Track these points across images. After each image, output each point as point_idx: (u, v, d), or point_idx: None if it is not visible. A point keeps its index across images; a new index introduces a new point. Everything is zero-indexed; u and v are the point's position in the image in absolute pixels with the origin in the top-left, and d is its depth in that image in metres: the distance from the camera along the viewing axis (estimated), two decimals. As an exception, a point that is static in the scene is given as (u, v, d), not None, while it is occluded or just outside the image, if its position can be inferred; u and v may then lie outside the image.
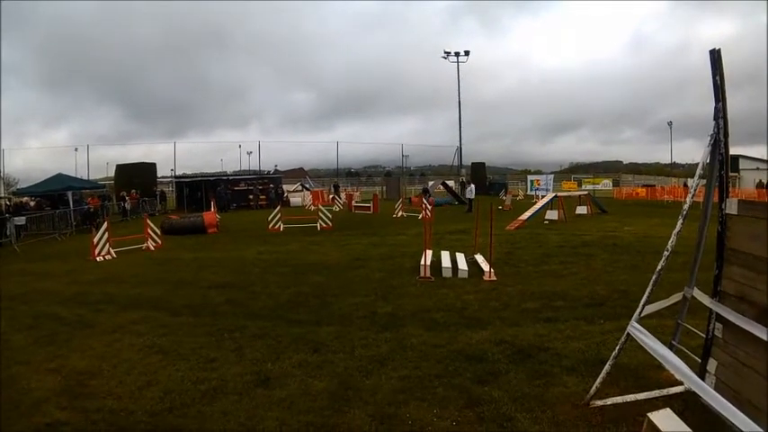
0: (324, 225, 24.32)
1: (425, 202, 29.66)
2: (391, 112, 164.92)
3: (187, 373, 6.48)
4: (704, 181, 5.24)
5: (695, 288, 5.34)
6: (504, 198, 42.57)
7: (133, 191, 37.32)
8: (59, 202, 29.21)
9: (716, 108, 4.80)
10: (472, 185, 36.10)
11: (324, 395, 5.72)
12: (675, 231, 4.87)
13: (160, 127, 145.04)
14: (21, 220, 23.67)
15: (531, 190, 52.62)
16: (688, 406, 4.91)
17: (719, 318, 4.85)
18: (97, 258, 16.64)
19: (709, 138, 4.89)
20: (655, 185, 56.75)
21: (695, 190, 5.08)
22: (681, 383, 5.36)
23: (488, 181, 64.02)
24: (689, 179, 52.47)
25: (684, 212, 4.86)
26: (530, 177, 60.95)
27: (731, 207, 4.73)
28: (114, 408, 5.57)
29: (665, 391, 5.33)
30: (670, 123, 76.10)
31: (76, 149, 56.69)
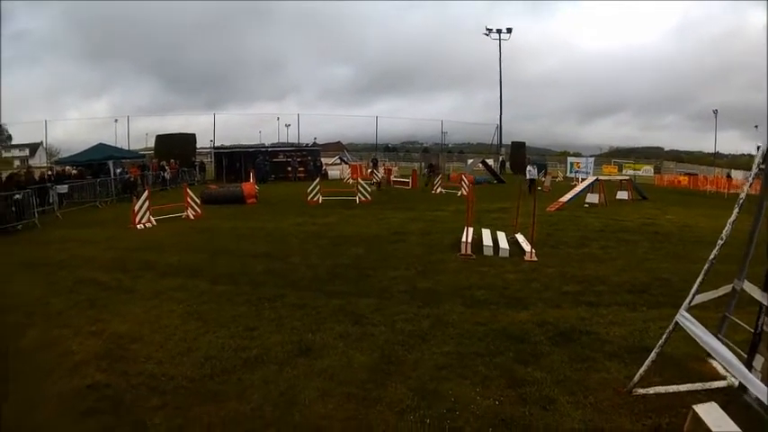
0: (362, 198, 24.40)
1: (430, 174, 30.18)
2: (430, 88, 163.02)
3: (227, 341, 6.59)
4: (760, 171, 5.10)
5: (745, 281, 5.25)
6: (543, 179, 42.16)
7: (172, 161, 37.65)
8: (100, 172, 29.62)
9: (776, 97, 4.65)
10: (534, 166, 35.33)
11: (365, 367, 5.78)
12: (731, 220, 4.74)
13: (199, 99, 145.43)
14: (63, 188, 24.01)
15: (571, 172, 51.93)
16: (731, 401, 4.84)
17: (770, 312, 4.77)
18: (137, 226, 16.90)
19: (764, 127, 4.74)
20: (697, 174, 55.59)
21: (753, 179, 4.97)
22: (724, 378, 5.29)
23: (528, 161, 63.35)
24: (732, 170, 51.45)
25: (741, 202, 4.72)
26: (570, 159, 60.12)
27: (789, 199, 4.62)
28: (155, 372, 5.70)
29: (707, 385, 5.24)
30: (715, 111, 74.11)
31: (116, 120, 57.88)
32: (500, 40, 62.21)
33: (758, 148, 4.89)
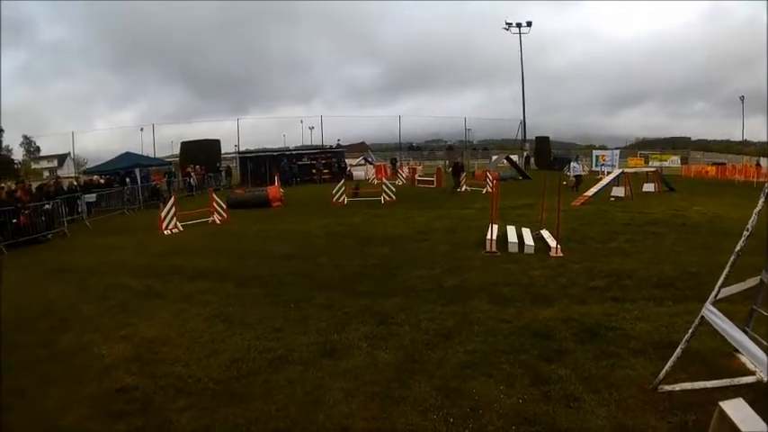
0: (387, 198, 24.47)
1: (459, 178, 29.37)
2: (453, 85, 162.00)
3: (253, 343, 6.66)
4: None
5: (773, 273, 5.17)
6: (568, 173, 41.89)
7: (197, 166, 38.02)
8: (127, 180, 30.06)
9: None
10: (577, 162, 34.84)
11: (389, 367, 5.80)
12: (757, 210, 4.63)
13: (223, 104, 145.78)
14: (91, 197, 24.59)
15: (596, 165, 51.46)
16: (760, 397, 4.74)
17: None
18: (165, 232, 17.14)
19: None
20: (725, 164, 54.68)
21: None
22: (752, 373, 5.23)
23: (553, 155, 62.94)
24: (762, 158, 50.55)
25: (767, 190, 4.59)
26: (595, 152, 59.45)
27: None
28: (182, 374, 5.79)
29: (735, 380, 5.18)
30: (742, 98, 72.67)
31: (142, 129, 58.80)
32: (520, 34, 62.01)
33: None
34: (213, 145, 46.98)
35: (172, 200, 18.42)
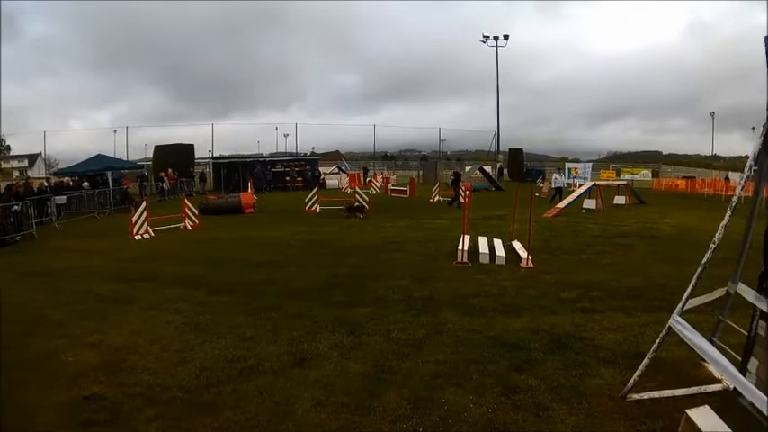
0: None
1: (460, 190, 28.59)
2: (435, 95, 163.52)
3: (223, 351, 6.57)
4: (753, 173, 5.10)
5: (740, 283, 5.24)
6: (541, 185, 42.21)
7: (170, 171, 37.65)
8: (99, 183, 29.70)
9: (769, 97, 4.66)
10: (559, 174, 34.86)
11: (359, 377, 5.76)
12: (723, 224, 4.73)
13: (202, 108, 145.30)
14: (61, 200, 24.20)
15: (569, 178, 51.97)
16: (726, 404, 4.80)
17: (763, 315, 4.76)
18: (136, 237, 16.94)
19: (760, 128, 4.75)
20: (695, 178, 55.67)
21: (744, 182, 4.96)
22: (719, 381, 5.32)
23: (525, 168, 63.44)
24: (730, 172, 51.48)
25: (733, 204, 4.72)
26: (567, 165, 60.11)
27: (783, 201, 4.61)
28: (151, 383, 5.68)
29: (703, 388, 5.27)
30: (712, 114, 74.96)
31: (115, 131, 58.09)
32: (497, 47, 62.56)
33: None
34: (187, 149, 46.42)
35: (143, 205, 18.23)
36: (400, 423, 4.76)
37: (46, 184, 26.75)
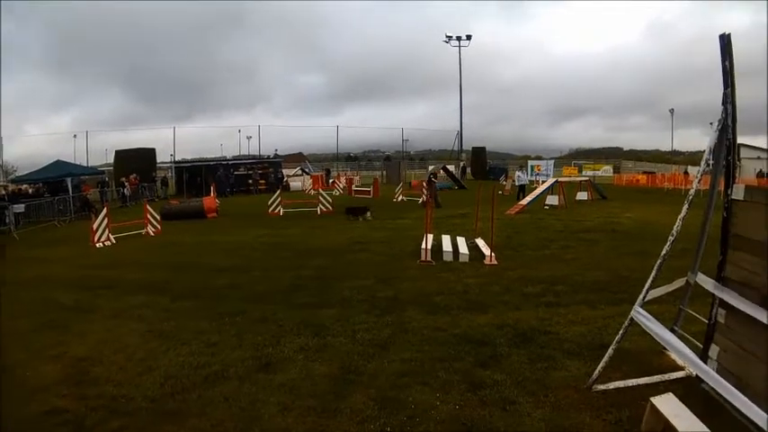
0: (324, 209, 24.40)
1: (424, 188, 28.09)
2: (402, 95, 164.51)
3: (188, 358, 6.46)
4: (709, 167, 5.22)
5: (699, 273, 5.32)
6: (504, 183, 42.54)
7: (132, 176, 37.12)
8: (59, 189, 29.15)
9: (724, 93, 4.77)
10: (522, 172, 35.04)
11: (325, 379, 5.71)
12: (681, 217, 4.85)
13: (166, 110, 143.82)
14: (20, 208, 23.77)
15: (532, 175, 52.50)
16: (689, 391, 4.89)
17: (722, 303, 4.84)
18: (97, 244, 16.62)
19: (717, 123, 4.86)
20: (655, 173, 56.71)
21: (701, 176, 5.06)
22: (682, 369, 5.39)
23: (488, 166, 63.91)
24: (689, 167, 52.59)
25: (690, 198, 4.86)
26: (530, 163, 60.57)
27: (737, 193, 4.70)
28: (115, 394, 5.55)
29: (666, 376, 5.34)
30: (671, 111, 76.65)
31: (75, 136, 56.96)
32: (459, 47, 62.91)
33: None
34: (148, 154, 45.78)
35: (104, 211, 17.92)
36: (368, 424, 4.72)
37: (3, 192, 26.22)
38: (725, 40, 4.72)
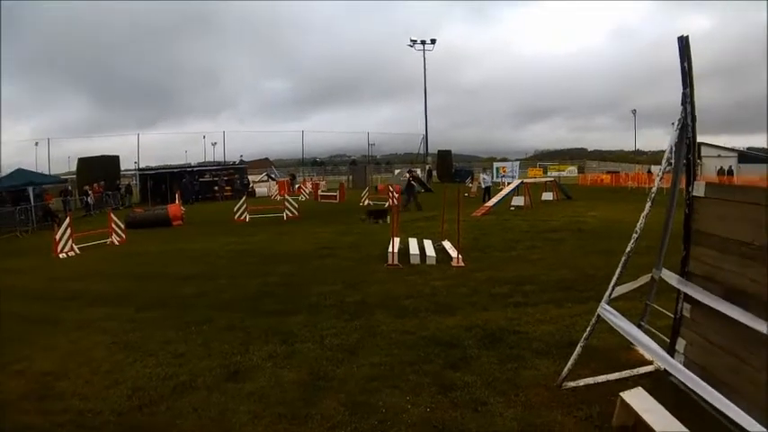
0: (290, 215, 24.28)
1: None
2: (368, 99, 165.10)
3: (155, 370, 6.33)
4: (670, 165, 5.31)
5: (663, 269, 5.39)
6: (469, 185, 42.78)
7: (96, 184, 36.51)
8: (20, 199, 28.57)
9: (683, 93, 4.87)
10: (486, 175, 35.20)
11: (295, 386, 5.65)
12: (644, 214, 4.94)
13: (129, 117, 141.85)
14: (-21, 218, 23.16)
15: (497, 177, 52.89)
16: (658, 384, 4.95)
17: (687, 298, 4.92)
18: (60, 255, 16.28)
19: (676, 122, 4.95)
20: (619, 172, 57.65)
21: (663, 174, 5.14)
22: (650, 363, 5.47)
23: (454, 168, 64.31)
24: (653, 166, 53.57)
25: (652, 196, 4.96)
26: (495, 164, 61.24)
27: (698, 190, 4.81)
28: (81, 408, 5.41)
29: (635, 371, 5.41)
30: (634, 111, 78.27)
31: (37, 143, 55.82)
32: (424, 50, 63.13)
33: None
34: (112, 161, 45.02)
35: (67, 221, 17.53)
36: (338, 429, 4.68)
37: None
38: (683, 42, 4.82)
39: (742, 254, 4.19)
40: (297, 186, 46.46)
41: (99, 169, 41.48)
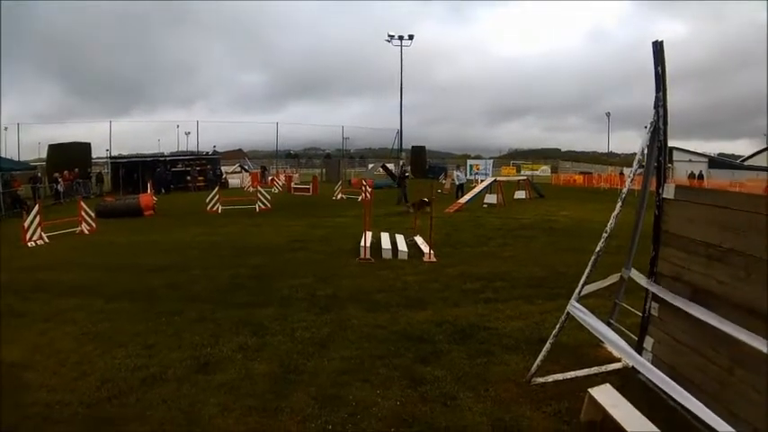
0: (262, 207, 24.17)
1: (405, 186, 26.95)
2: (343, 93, 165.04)
3: (124, 361, 6.25)
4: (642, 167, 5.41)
5: (632, 269, 5.48)
6: (443, 182, 42.92)
7: (66, 172, 35.90)
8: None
9: (656, 97, 4.96)
10: (460, 172, 35.18)
11: (265, 379, 5.63)
12: (614, 214, 5.02)
13: (102, 104, 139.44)
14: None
15: (471, 174, 53.13)
16: (626, 381, 5.06)
17: (656, 297, 5.00)
18: (29, 244, 15.96)
19: (648, 125, 5.03)
20: (591, 173, 58.34)
21: (634, 175, 5.22)
22: (619, 360, 5.54)
23: (428, 165, 64.47)
24: (625, 168, 54.31)
25: (623, 196, 5.04)
26: (469, 162, 61.52)
27: (668, 192, 4.91)
28: (49, 401, 5.31)
29: (603, 368, 5.49)
30: (608, 114, 79.40)
31: (6, 129, 54.62)
32: (401, 46, 63.09)
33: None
34: (83, 149, 44.19)
35: (36, 208, 17.15)
36: (309, 422, 4.68)
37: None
38: (657, 47, 4.90)
39: (709, 255, 4.28)
40: (270, 178, 46.18)
41: (70, 156, 40.74)
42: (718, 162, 60.87)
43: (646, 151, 5.17)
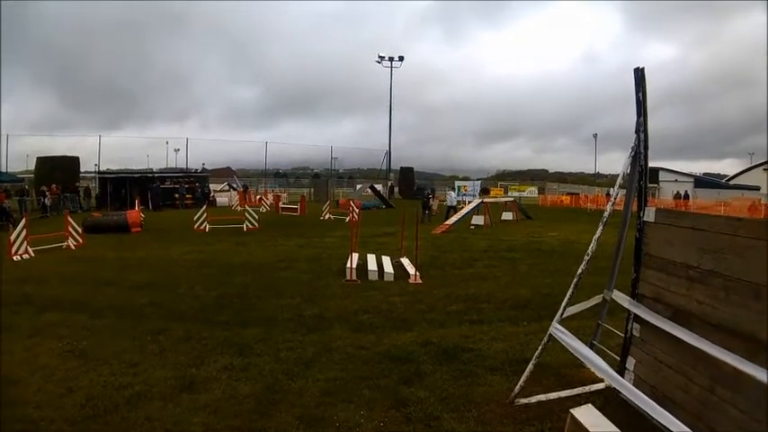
0: (250, 226, 24.12)
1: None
2: (333, 113, 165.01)
3: (109, 379, 6.24)
4: (624, 190, 5.49)
5: (614, 290, 5.55)
6: (431, 203, 43.00)
7: (54, 185, 35.70)
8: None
9: (637, 122, 5.08)
10: (453, 192, 35.46)
11: (250, 399, 5.63)
12: (596, 237, 5.11)
13: (93, 117, 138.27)
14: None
15: (459, 195, 53.29)
16: (608, 401, 5.11)
17: (637, 318, 5.07)
18: (14, 257, 15.83)
19: (630, 149, 5.12)
20: (578, 194, 58.69)
21: (615, 198, 5.30)
22: (601, 381, 5.58)
23: (416, 185, 64.60)
24: (611, 188, 54.85)
25: (605, 219, 5.13)
26: (457, 183, 61.72)
27: (649, 215, 5.02)
28: (33, 417, 5.30)
29: (586, 389, 5.54)
30: (595, 135, 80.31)
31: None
32: (391, 67, 63.56)
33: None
34: (72, 162, 43.93)
35: (23, 222, 17.05)
36: (293, 443, 4.69)
37: None
38: (639, 74, 5.01)
39: (689, 277, 4.36)
40: (258, 197, 46.08)
41: (58, 169, 40.46)
42: (703, 181, 61.59)
43: (627, 175, 5.26)
